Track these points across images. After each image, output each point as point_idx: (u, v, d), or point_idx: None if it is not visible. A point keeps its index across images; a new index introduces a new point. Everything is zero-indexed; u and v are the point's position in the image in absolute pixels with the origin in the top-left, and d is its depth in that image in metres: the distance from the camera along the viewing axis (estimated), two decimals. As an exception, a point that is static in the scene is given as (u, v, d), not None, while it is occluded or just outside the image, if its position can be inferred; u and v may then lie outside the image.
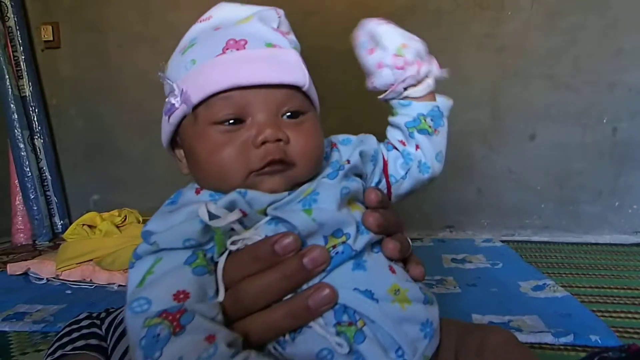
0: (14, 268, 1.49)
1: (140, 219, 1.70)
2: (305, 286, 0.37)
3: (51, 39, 2.18)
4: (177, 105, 0.41)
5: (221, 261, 0.37)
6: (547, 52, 1.82)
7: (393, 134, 0.54)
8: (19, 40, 2.08)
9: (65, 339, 0.72)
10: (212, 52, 0.41)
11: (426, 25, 1.91)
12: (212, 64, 0.40)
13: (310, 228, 0.37)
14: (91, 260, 1.44)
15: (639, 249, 1.72)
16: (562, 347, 0.91)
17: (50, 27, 2.17)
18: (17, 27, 2.07)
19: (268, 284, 0.36)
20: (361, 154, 0.45)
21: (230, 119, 0.39)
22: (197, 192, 0.42)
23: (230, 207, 0.37)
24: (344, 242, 0.38)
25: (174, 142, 0.46)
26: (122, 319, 0.75)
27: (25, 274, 1.48)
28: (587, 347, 0.91)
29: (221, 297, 0.36)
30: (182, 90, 0.40)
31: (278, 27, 0.45)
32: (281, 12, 0.47)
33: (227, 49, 0.41)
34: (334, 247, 0.38)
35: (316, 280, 0.37)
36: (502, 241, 1.78)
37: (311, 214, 0.37)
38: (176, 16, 2.10)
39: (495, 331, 0.42)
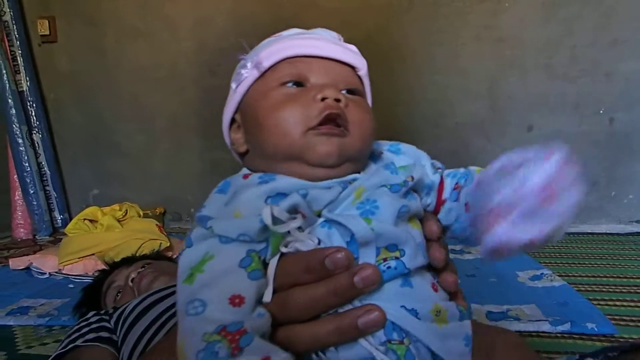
0: (17, 262, 1.50)
1: (141, 213, 1.71)
2: (357, 302, 0.37)
3: (48, 33, 2.17)
4: (246, 73, 0.44)
5: (273, 263, 0.36)
6: (544, 43, 1.83)
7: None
8: (15, 35, 2.07)
9: (75, 335, 0.73)
10: (281, 40, 0.46)
11: (424, 18, 1.91)
12: (285, 39, 0.45)
13: (367, 237, 0.36)
14: (93, 254, 1.45)
15: (635, 238, 1.74)
16: (559, 335, 0.93)
17: (47, 21, 2.16)
18: (14, 21, 2.06)
19: (317, 298, 0.36)
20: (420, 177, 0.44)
21: (295, 80, 0.42)
22: (246, 177, 0.41)
23: (292, 210, 0.36)
24: (397, 258, 0.38)
25: (231, 125, 0.48)
26: (131, 310, 0.76)
27: (28, 268, 1.49)
28: (583, 334, 0.92)
29: (268, 298, 0.36)
30: (254, 59, 0.44)
31: (339, 39, 0.49)
32: (342, 37, 0.50)
33: (293, 34, 0.46)
34: (384, 260, 0.37)
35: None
36: (500, 232, 1.80)
37: (371, 223, 0.37)
38: (173, 10, 2.09)
39: (505, 333, 0.42)
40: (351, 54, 0.45)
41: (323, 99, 0.40)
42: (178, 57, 2.11)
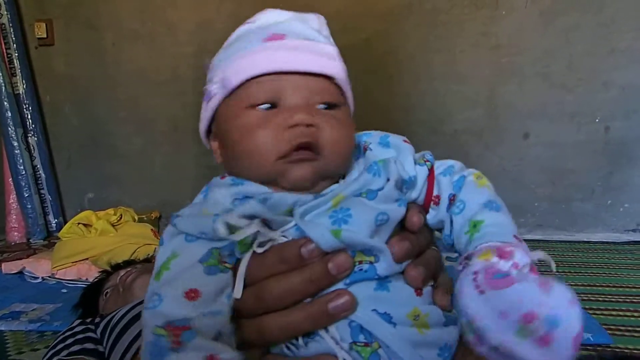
0: (9, 266, 1.49)
1: (136, 217, 1.70)
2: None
3: (45, 36, 2.16)
4: (215, 90, 0.42)
5: (245, 259, 0.37)
6: (542, 51, 1.84)
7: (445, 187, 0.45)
8: (12, 38, 2.07)
9: (60, 346, 0.72)
10: (253, 44, 0.43)
11: (422, 24, 1.91)
12: (251, 53, 0.41)
13: (335, 247, 0.36)
14: (87, 259, 1.44)
15: (630, 247, 1.74)
16: (555, 344, 0.92)
17: (44, 24, 2.16)
18: (11, 24, 2.06)
19: (292, 286, 0.36)
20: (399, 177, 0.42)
21: (264, 102, 0.40)
22: (223, 177, 0.42)
23: (250, 216, 0.36)
24: (371, 262, 0.37)
25: (209, 133, 0.47)
26: (119, 320, 0.75)
27: (21, 272, 1.48)
28: (579, 345, 0.92)
29: (238, 294, 0.36)
30: (222, 77, 0.41)
31: (318, 29, 0.45)
32: (322, 17, 0.47)
33: (267, 40, 0.42)
34: (360, 262, 0.37)
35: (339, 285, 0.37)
36: (497, 239, 1.80)
37: (340, 236, 0.36)
38: (173, 14, 2.09)
39: None
40: (326, 61, 0.42)
41: (294, 126, 0.38)
42: (178, 61, 2.11)
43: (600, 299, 1.19)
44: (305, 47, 0.42)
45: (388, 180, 0.40)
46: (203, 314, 0.34)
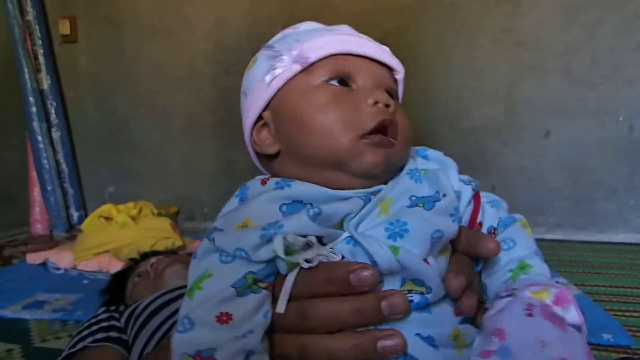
0: (33, 257, 1.53)
1: (155, 211, 1.72)
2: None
3: (68, 32, 2.21)
4: (282, 68, 0.40)
5: (292, 275, 0.35)
6: (565, 47, 1.80)
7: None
8: (37, 34, 2.11)
9: (85, 332, 0.74)
10: (317, 32, 0.43)
11: (441, 20, 1.89)
12: (321, 36, 0.41)
13: (392, 268, 0.35)
14: (108, 251, 1.47)
15: (654, 248, 1.70)
16: (574, 344, 0.91)
17: (68, 21, 2.20)
18: (36, 21, 2.11)
19: (340, 313, 0.35)
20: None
21: (340, 78, 0.40)
22: (264, 182, 0.40)
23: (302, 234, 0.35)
24: (422, 293, 0.36)
25: (256, 122, 0.44)
26: (143, 309, 0.77)
27: (44, 263, 1.52)
28: (600, 345, 0.90)
29: (281, 309, 0.35)
30: (294, 53, 0.40)
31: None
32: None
33: (331, 31, 0.43)
34: (409, 291, 0.36)
35: None
36: (515, 238, 1.77)
37: (398, 254, 0.34)
38: (191, 9, 2.11)
39: None
40: (390, 56, 0.43)
41: (375, 103, 0.38)
42: (196, 57, 2.13)
43: (621, 300, 1.16)
44: (369, 39, 0.43)
45: (441, 194, 0.39)
46: (235, 336, 0.34)
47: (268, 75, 0.41)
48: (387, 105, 0.38)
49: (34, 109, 2.08)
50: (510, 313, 0.33)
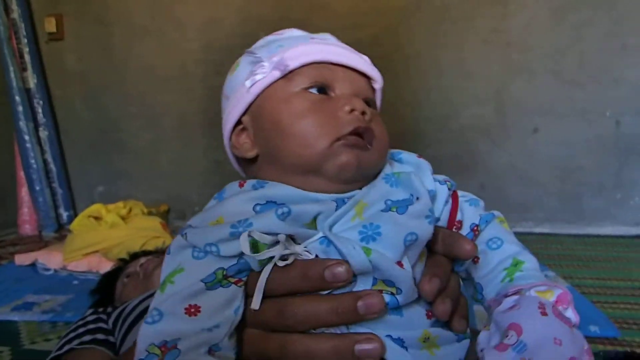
0: (22, 259, 1.51)
1: (145, 210, 1.71)
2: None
3: (55, 30, 2.18)
4: (263, 74, 0.41)
5: (265, 272, 0.36)
6: (553, 48, 1.82)
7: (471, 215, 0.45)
8: (23, 32, 2.09)
9: (71, 335, 0.73)
10: (300, 40, 0.44)
11: (431, 21, 1.91)
12: (303, 44, 0.43)
13: (364, 269, 0.36)
14: (97, 251, 1.46)
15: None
16: (562, 339, 0.92)
17: (54, 19, 2.17)
18: (21, 19, 2.08)
19: (317, 312, 0.36)
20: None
21: (319, 87, 0.41)
22: (241, 185, 0.41)
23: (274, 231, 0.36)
24: (392, 294, 0.37)
25: (235, 126, 0.45)
26: (131, 310, 0.76)
27: (33, 264, 1.50)
28: (586, 337, 0.91)
29: (256, 305, 0.36)
30: (274, 60, 0.41)
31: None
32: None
33: (313, 39, 0.44)
34: (380, 291, 0.36)
35: None
36: (504, 234, 1.79)
37: (370, 255, 0.35)
38: (182, 10, 2.10)
39: None
40: (369, 65, 0.44)
41: (351, 111, 0.39)
42: (186, 57, 2.12)
43: (608, 292, 1.19)
44: (349, 49, 0.44)
45: (414, 197, 0.40)
46: (202, 329, 0.35)
47: (248, 80, 0.42)
48: (363, 113, 0.40)
49: (20, 108, 2.05)
50: (526, 310, 0.35)
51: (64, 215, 2.19)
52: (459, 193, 0.45)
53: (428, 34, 1.92)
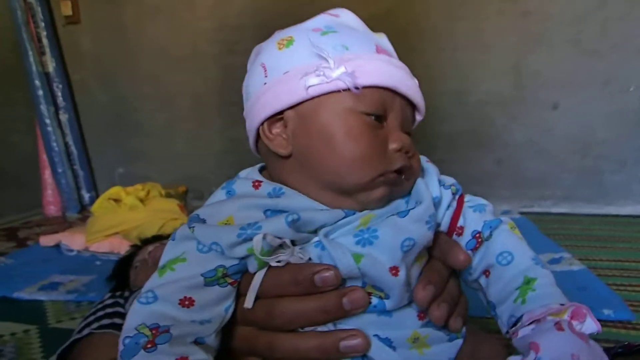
0: (47, 240, 1.57)
1: (163, 192, 1.75)
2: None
3: (70, 13, 2.20)
4: (329, 79, 0.38)
5: (260, 274, 0.38)
6: (573, 17, 1.75)
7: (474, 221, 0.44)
8: (40, 16, 2.11)
9: (91, 318, 0.76)
10: (366, 46, 0.41)
11: (446, -9, 1.85)
12: (371, 58, 0.40)
13: (352, 274, 0.36)
14: (118, 232, 1.50)
15: (661, 220, 1.69)
16: (573, 320, 0.92)
17: (70, 2, 2.18)
18: (38, 3, 2.09)
19: (304, 312, 0.37)
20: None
21: (377, 114, 0.40)
22: (256, 186, 0.40)
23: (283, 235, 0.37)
24: (381, 298, 0.38)
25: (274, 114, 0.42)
26: None
27: (57, 245, 1.56)
28: (599, 320, 0.91)
29: (249, 304, 0.38)
30: (342, 69, 0.38)
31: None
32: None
33: (379, 52, 0.41)
34: (369, 294, 0.37)
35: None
36: (521, 213, 1.77)
37: (360, 262, 0.36)
38: (192, -12, 2.08)
39: (487, 341, 0.42)
40: (419, 93, 0.43)
41: (399, 149, 0.39)
42: (198, 36, 2.12)
43: (624, 274, 1.16)
44: (406, 69, 0.42)
45: (417, 201, 0.40)
46: (192, 321, 0.36)
47: (309, 78, 0.39)
48: (407, 152, 0.40)
49: (40, 92, 2.09)
50: (542, 327, 0.36)
51: (86, 196, 2.25)
52: (466, 198, 0.45)
53: (443, 5, 1.86)
